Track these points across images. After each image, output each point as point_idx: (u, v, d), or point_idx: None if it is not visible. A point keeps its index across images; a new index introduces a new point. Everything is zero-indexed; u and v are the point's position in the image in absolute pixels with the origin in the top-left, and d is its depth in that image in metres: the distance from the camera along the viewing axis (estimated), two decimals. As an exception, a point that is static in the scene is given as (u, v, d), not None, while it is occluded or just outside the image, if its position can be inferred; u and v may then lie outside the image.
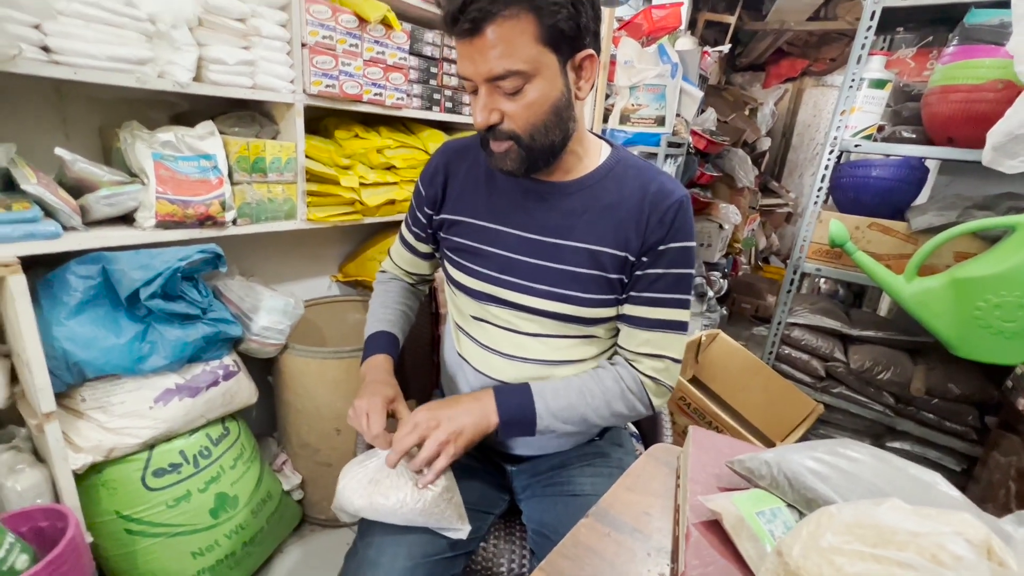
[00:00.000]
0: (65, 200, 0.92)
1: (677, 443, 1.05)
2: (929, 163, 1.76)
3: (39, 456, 1.00)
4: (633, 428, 1.12)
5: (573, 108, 0.71)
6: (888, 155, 1.55)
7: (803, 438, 1.66)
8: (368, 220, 1.45)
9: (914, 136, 1.49)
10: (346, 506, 0.72)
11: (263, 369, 1.42)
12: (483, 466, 0.90)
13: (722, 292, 3.48)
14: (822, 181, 1.58)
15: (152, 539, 1.06)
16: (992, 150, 1.03)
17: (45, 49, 0.85)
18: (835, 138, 1.55)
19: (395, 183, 1.49)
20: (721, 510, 0.42)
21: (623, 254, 0.75)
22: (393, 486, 0.69)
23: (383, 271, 1.03)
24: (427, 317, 1.14)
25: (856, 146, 1.53)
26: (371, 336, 0.89)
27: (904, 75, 2.20)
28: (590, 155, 0.79)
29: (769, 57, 4.62)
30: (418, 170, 1.54)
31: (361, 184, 1.39)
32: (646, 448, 1.08)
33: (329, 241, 1.68)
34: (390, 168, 1.48)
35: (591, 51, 0.68)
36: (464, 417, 0.72)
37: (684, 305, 0.78)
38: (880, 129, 1.68)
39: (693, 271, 0.78)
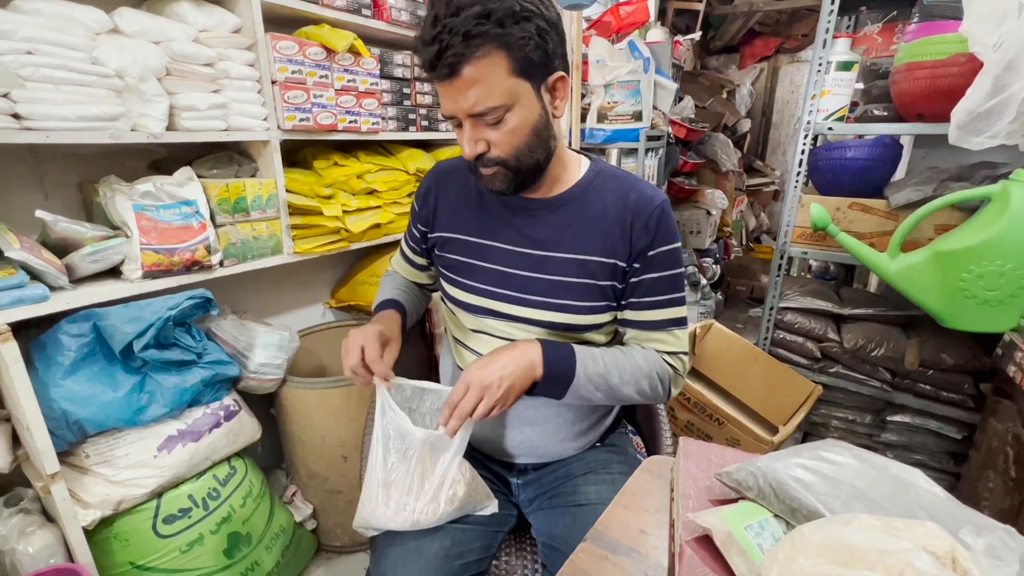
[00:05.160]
0: (50, 261, 0.93)
1: (675, 436, 1.06)
2: (903, 138, 1.77)
3: (48, 516, 1.01)
4: (631, 426, 1.13)
5: (552, 127, 0.75)
6: (862, 135, 1.57)
7: (805, 419, 1.67)
8: (355, 246, 1.46)
9: (885, 114, 1.50)
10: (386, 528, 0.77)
11: (266, 402, 1.43)
12: (490, 484, 0.91)
13: (716, 278, 3.49)
14: (800, 166, 1.59)
15: (168, 586, 1.06)
16: (957, 129, 1.04)
17: (16, 116, 0.85)
18: (808, 122, 1.56)
19: (378, 207, 1.50)
20: (711, 527, 0.43)
21: (611, 261, 0.79)
22: (427, 499, 0.74)
23: (388, 271, 1.09)
24: (421, 339, 1.15)
25: (829, 129, 1.54)
26: (379, 304, 0.94)
27: (872, 51, 2.22)
28: (570, 170, 0.83)
29: (742, 38, 4.63)
30: (400, 191, 1.56)
31: (344, 212, 1.39)
32: (645, 442, 1.10)
33: (319, 269, 1.68)
34: (372, 192, 1.48)
35: (561, 72, 0.72)
36: (514, 373, 0.71)
37: (682, 302, 0.83)
38: (853, 106, 1.69)
39: (683, 269, 0.82)
